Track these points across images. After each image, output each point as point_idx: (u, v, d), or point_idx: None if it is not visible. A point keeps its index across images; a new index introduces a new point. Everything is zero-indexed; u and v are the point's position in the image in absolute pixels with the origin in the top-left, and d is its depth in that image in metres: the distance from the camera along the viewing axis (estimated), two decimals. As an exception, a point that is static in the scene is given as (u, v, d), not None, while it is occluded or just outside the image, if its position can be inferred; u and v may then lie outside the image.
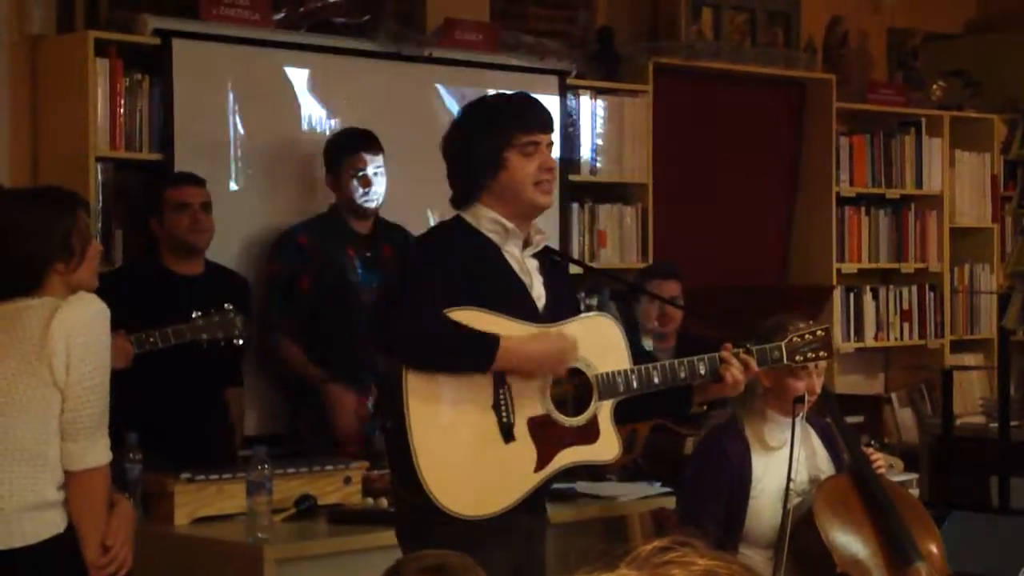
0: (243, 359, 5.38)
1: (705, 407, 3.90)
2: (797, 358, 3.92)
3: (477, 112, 3.77)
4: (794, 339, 3.91)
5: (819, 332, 3.95)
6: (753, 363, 3.80)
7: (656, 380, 3.69)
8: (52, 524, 3.57)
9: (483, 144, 3.64)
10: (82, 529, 3.59)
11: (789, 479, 4.09)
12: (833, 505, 4.09)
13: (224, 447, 5.07)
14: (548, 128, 3.71)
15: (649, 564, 1.61)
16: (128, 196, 5.41)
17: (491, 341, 3.50)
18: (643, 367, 3.69)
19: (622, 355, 3.70)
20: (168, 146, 5.39)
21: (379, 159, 5.50)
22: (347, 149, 5.51)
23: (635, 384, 3.66)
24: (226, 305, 4.61)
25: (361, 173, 5.46)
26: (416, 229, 5.47)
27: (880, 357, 8.09)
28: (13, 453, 3.53)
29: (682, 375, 3.72)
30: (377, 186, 5.48)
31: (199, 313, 4.58)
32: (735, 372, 3.75)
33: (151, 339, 4.51)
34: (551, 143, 3.72)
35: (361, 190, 5.46)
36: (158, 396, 5.03)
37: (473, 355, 3.52)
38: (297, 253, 5.46)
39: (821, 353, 3.96)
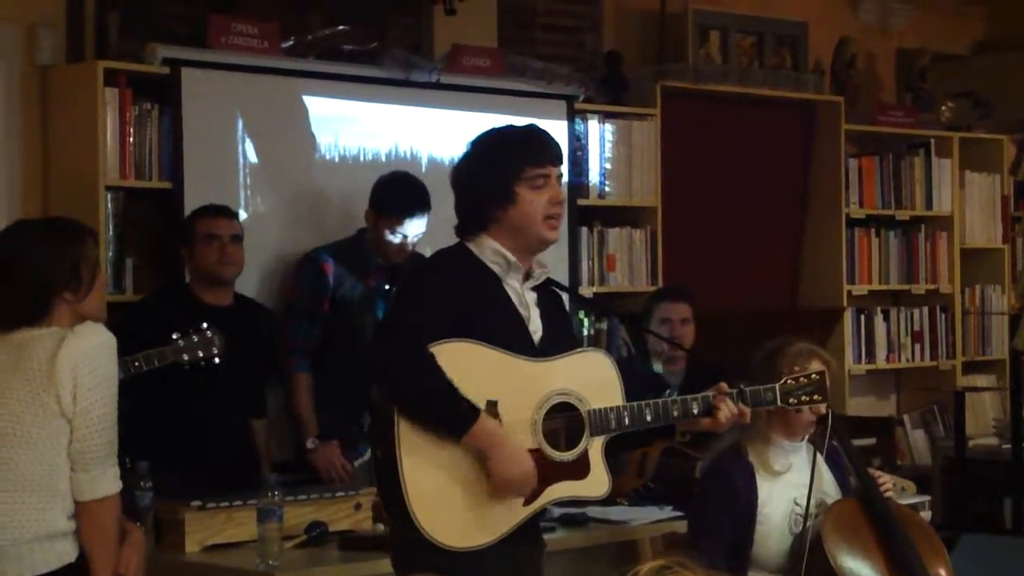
0: (266, 390, 5.40)
1: (688, 437, 3.88)
2: (791, 400, 3.90)
3: (487, 145, 3.72)
4: (788, 382, 3.89)
5: (814, 376, 3.93)
6: (747, 411, 3.79)
7: (648, 418, 3.67)
8: (63, 554, 3.57)
9: (493, 177, 3.62)
10: (94, 559, 3.59)
11: (809, 501, 4.09)
12: (841, 529, 4.07)
13: (251, 478, 5.05)
14: (558, 161, 3.70)
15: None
16: (139, 224, 5.43)
17: (469, 414, 3.46)
18: (635, 404, 3.66)
19: (615, 391, 3.68)
20: (178, 175, 5.42)
21: (424, 219, 5.43)
22: (397, 206, 5.43)
23: (627, 421, 3.64)
24: (203, 325, 4.59)
25: (401, 233, 5.41)
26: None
27: (891, 379, 8.08)
28: (23, 484, 3.53)
29: (675, 413, 3.70)
30: (412, 242, 5.44)
31: (178, 335, 4.56)
32: (726, 414, 3.75)
33: (136, 363, 4.44)
34: (560, 175, 3.71)
35: (396, 244, 5.44)
36: (183, 428, 5.06)
37: (446, 420, 3.47)
38: (320, 277, 5.46)
39: (816, 396, 3.93)
